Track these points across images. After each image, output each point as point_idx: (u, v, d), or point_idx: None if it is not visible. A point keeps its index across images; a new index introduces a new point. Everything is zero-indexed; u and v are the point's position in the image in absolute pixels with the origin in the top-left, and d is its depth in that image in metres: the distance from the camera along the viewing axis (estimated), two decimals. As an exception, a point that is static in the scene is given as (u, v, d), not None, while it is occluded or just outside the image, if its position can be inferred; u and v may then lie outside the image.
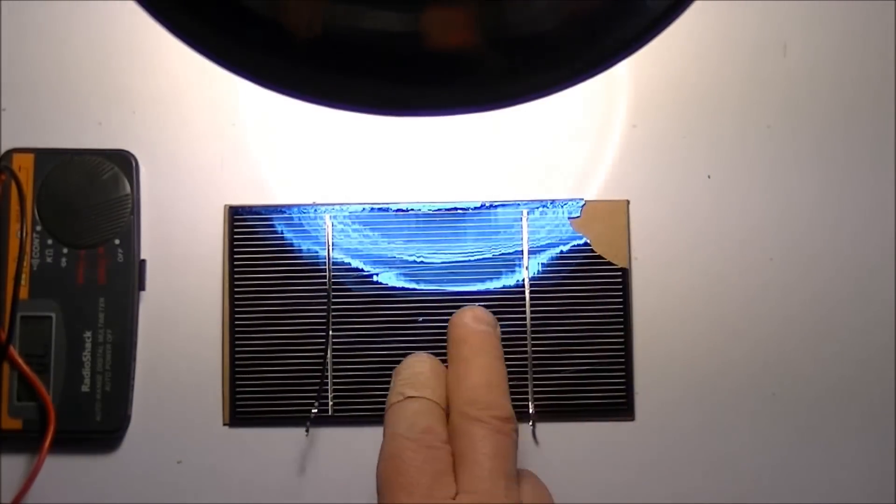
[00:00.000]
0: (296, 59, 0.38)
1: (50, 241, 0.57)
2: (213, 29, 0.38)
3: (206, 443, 0.57)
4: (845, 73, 0.60)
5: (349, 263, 0.58)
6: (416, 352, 0.54)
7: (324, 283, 0.58)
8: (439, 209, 0.59)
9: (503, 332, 0.56)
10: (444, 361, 0.52)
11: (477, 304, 0.57)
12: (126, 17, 0.59)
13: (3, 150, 0.58)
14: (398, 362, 0.53)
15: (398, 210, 0.59)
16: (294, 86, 0.39)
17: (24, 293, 0.56)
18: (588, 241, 0.58)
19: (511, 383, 0.57)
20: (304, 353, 0.58)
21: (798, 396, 0.58)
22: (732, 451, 0.58)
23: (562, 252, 0.58)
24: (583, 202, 0.59)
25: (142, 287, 0.57)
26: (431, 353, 0.53)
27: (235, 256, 0.58)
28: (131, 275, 0.57)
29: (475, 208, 0.59)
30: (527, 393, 0.58)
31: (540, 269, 0.58)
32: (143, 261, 0.58)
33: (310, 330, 0.58)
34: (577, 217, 0.58)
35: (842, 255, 0.59)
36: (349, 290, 0.58)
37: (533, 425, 0.57)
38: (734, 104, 0.59)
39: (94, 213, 0.57)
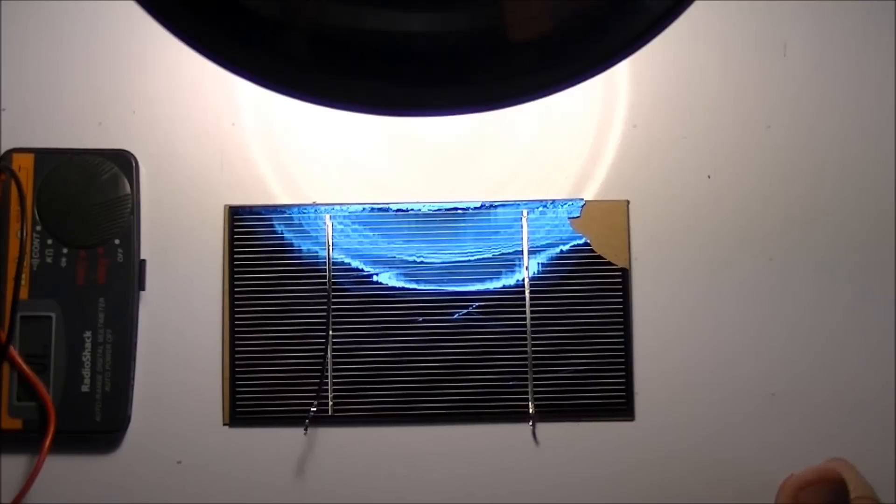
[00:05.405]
0: (296, 60, 0.38)
1: (50, 241, 0.57)
2: (213, 29, 0.38)
3: (206, 443, 0.57)
4: (845, 73, 0.60)
5: (349, 263, 0.58)
6: None
7: (324, 283, 0.58)
8: (439, 209, 0.59)
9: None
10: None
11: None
12: (126, 17, 0.59)
13: (3, 150, 0.58)
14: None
15: (398, 210, 0.59)
16: (294, 86, 0.39)
17: (24, 293, 0.56)
18: (588, 241, 0.58)
19: (511, 383, 0.57)
20: (303, 352, 0.58)
21: (798, 396, 0.58)
22: (732, 452, 0.58)
23: (561, 252, 0.58)
24: (583, 202, 0.59)
25: (142, 287, 0.57)
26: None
27: (235, 256, 0.58)
28: (131, 275, 0.57)
29: (475, 208, 0.59)
30: (527, 393, 0.58)
31: (539, 269, 0.58)
32: (143, 261, 0.58)
33: (309, 330, 0.58)
34: (577, 217, 0.58)
35: (841, 255, 0.59)
36: (349, 290, 0.58)
37: (533, 425, 0.57)
38: (734, 104, 0.59)
39: (94, 213, 0.57)
